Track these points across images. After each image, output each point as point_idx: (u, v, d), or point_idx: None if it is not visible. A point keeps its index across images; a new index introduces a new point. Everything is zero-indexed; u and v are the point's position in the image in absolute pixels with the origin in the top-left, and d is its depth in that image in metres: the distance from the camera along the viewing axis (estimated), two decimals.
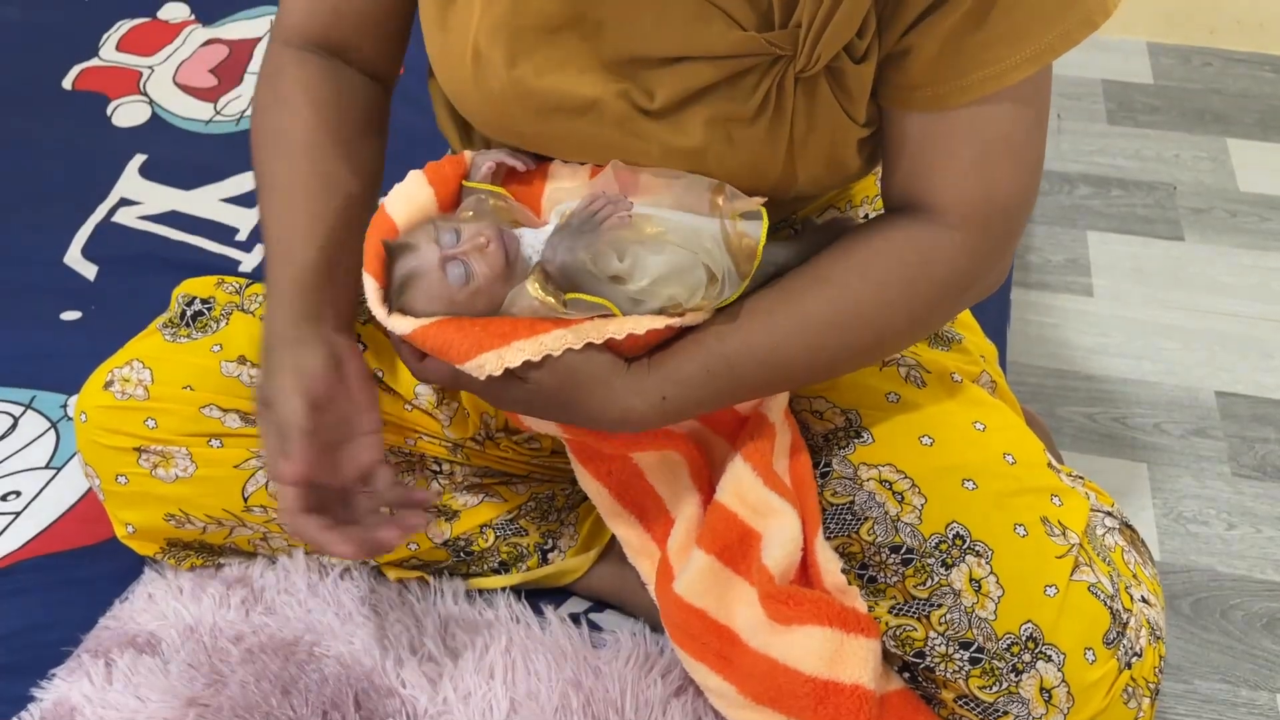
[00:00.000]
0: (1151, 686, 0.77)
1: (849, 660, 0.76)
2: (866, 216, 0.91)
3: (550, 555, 0.97)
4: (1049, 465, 0.82)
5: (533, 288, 0.71)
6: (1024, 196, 0.74)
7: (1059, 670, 0.74)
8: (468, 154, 0.80)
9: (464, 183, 0.78)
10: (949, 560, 0.77)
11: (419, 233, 0.74)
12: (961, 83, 0.70)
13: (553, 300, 0.71)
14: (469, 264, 0.71)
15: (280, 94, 0.84)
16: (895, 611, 0.78)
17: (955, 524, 0.77)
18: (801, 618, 0.77)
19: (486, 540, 0.95)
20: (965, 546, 0.77)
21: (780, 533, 0.79)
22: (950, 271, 0.75)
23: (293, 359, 0.76)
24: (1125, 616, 0.76)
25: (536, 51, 0.72)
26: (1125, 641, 0.76)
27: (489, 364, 0.70)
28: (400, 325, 0.73)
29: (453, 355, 0.71)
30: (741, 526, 0.81)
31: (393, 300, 0.74)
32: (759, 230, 0.72)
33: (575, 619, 0.94)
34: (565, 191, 0.78)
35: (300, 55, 0.84)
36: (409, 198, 0.76)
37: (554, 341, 0.70)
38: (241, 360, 0.88)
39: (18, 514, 1.02)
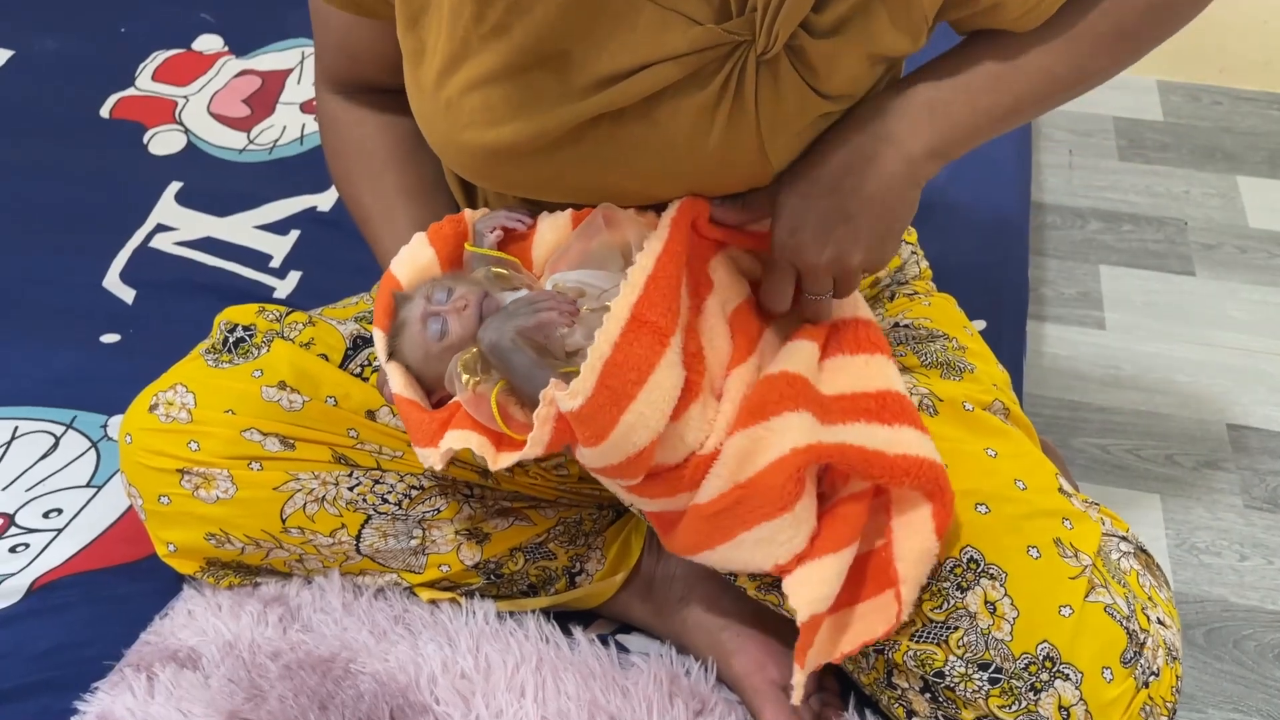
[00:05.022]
0: (1169, 706, 0.78)
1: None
2: None
3: (578, 579, 0.99)
4: (1060, 490, 0.84)
5: (459, 360, 0.76)
6: None
7: (1076, 689, 0.76)
8: (468, 213, 0.84)
9: (468, 247, 0.82)
10: (964, 584, 0.79)
11: (421, 288, 0.80)
12: None
13: (464, 375, 0.76)
14: (446, 322, 0.77)
15: (340, 137, 0.92)
16: (915, 638, 0.80)
17: (969, 548, 0.79)
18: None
19: (516, 563, 0.97)
20: (979, 570, 0.79)
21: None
22: None
23: None
24: (1142, 636, 0.78)
25: (508, 95, 0.75)
26: (1142, 661, 0.77)
27: (430, 458, 0.77)
28: (392, 377, 0.79)
29: (411, 434, 0.79)
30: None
31: (392, 346, 0.80)
32: None
33: (603, 640, 0.96)
34: (547, 245, 0.82)
35: (342, 99, 0.92)
36: (413, 260, 0.82)
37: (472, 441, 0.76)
38: (281, 386, 0.90)
39: (59, 531, 1.04)
